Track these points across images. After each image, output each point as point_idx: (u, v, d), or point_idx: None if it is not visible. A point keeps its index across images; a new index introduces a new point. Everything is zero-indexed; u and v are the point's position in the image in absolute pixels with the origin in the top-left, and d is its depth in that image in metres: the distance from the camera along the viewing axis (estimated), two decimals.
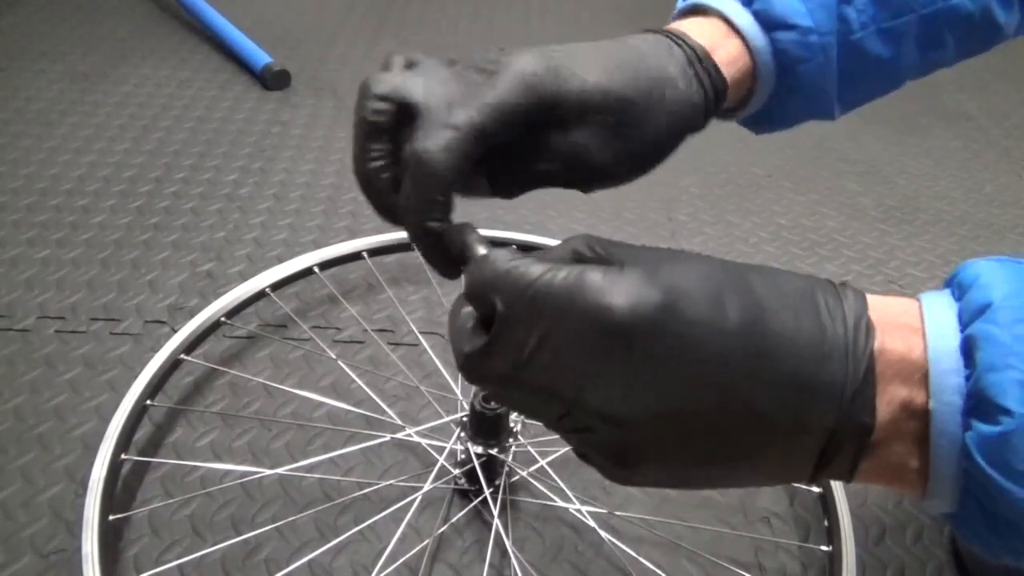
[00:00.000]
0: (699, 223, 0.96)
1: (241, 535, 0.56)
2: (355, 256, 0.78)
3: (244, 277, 0.79)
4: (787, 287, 0.27)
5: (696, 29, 0.39)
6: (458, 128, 0.31)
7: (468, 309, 0.29)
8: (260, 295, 0.73)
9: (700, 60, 0.38)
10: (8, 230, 0.85)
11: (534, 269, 0.26)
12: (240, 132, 1.07)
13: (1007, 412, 0.24)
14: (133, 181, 0.95)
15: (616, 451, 0.27)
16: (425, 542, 0.57)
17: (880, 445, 0.27)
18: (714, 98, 0.38)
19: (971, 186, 1.07)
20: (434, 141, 0.31)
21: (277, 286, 0.74)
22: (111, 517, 0.54)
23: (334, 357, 0.71)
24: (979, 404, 0.25)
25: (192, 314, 0.70)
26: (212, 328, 0.69)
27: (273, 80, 1.18)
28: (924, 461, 0.27)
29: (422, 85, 0.33)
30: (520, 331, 0.26)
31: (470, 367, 0.28)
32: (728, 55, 0.39)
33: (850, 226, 0.98)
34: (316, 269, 0.76)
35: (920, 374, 0.26)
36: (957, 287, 0.28)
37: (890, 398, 0.26)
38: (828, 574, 0.57)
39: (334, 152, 1.04)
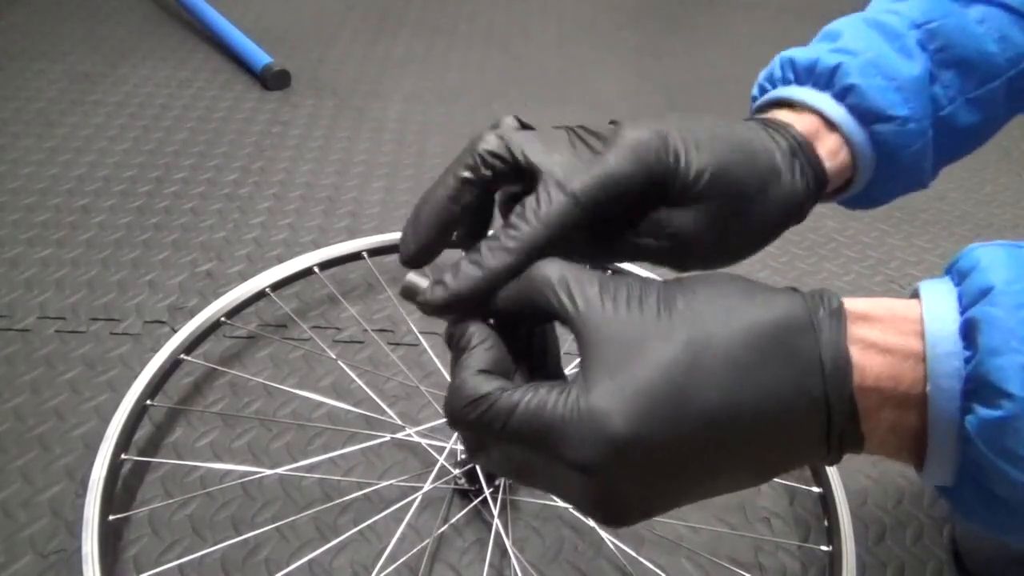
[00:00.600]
0: None
1: (241, 535, 0.56)
2: (355, 256, 0.78)
3: (244, 277, 0.79)
4: (756, 340, 0.26)
5: (794, 120, 0.38)
6: (576, 197, 0.31)
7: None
8: (260, 295, 0.73)
9: (804, 151, 0.36)
10: (8, 230, 0.85)
11: (496, 408, 0.27)
12: (240, 132, 1.07)
13: (1009, 396, 0.23)
14: (133, 181, 0.95)
15: (602, 516, 0.28)
16: (425, 542, 0.57)
17: (869, 444, 0.27)
18: (815, 190, 0.37)
19: (971, 186, 1.07)
20: (553, 208, 0.30)
21: (277, 286, 0.74)
22: (111, 517, 0.54)
23: (334, 357, 0.71)
24: (980, 388, 0.24)
25: (192, 314, 0.70)
26: (212, 328, 0.69)
27: (273, 80, 1.18)
28: (920, 441, 0.27)
29: (541, 147, 0.32)
30: (492, 456, 0.29)
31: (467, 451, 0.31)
32: (828, 148, 0.38)
33: (850, 226, 0.98)
34: (316, 269, 0.76)
35: (914, 396, 0.26)
36: (957, 273, 0.27)
37: (876, 423, 0.27)
38: (828, 574, 0.57)
39: (334, 152, 1.04)
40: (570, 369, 0.67)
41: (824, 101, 0.38)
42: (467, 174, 0.32)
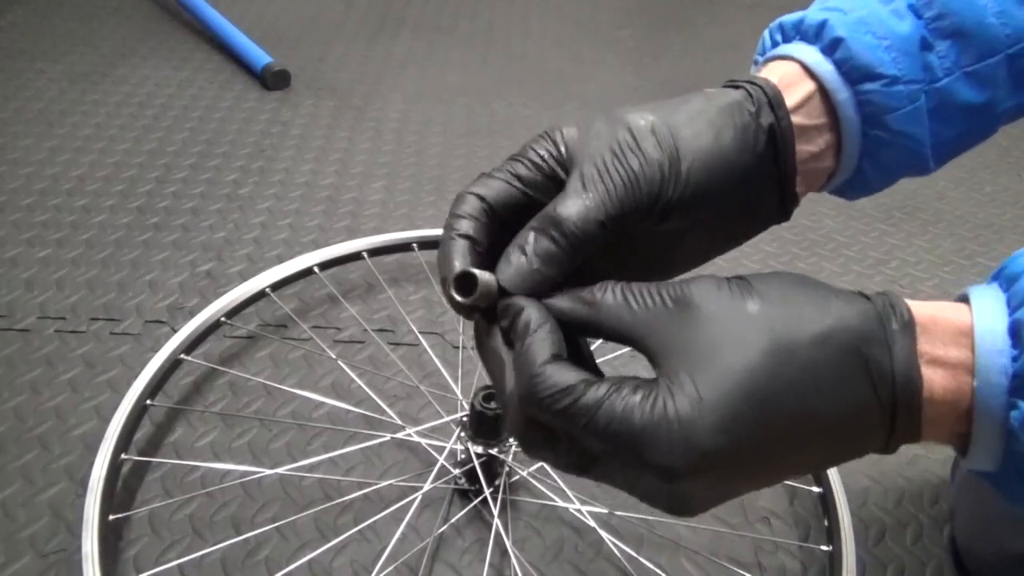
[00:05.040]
0: None
1: (241, 535, 0.56)
2: (355, 256, 0.78)
3: (244, 277, 0.79)
4: (833, 350, 0.26)
5: (791, 94, 0.36)
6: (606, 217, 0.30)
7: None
8: (260, 295, 0.73)
9: (790, 165, 0.35)
10: (8, 230, 0.85)
11: (582, 403, 0.26)
12: (240, 132, 1.07)
13: None
14: (133, 181, 0.95)
15: (673, 510, 0.28)
16: (425, 542, 0.57)
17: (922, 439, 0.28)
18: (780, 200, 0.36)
19: (971, 186, 1.07)
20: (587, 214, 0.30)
21: (277, 286, 0.74)
22: (111, 517, 0.54)
23: (334, 357, 0.71)
24: None
25: (192, 314, 0.70)
26: (212, 328, 0.69)
27: (273, 80, 1.18)
28: (966, 431, 0.27)
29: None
30: (562, 448, 0.28)
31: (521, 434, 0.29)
32: (815, 145, 0.37)
33: (850, 226, 0.98)
34: (316, 269, 0.76)
35: (967, 407, 0.27)
36: (1005, 279, 0.28)
37: (935, 429, 0.28)
38: (828, 574, 0.57)
39: (334, 152, 1.04)
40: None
41: (812, 55, 0.37)
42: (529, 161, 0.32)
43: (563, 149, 0.32)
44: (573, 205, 0.30)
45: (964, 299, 0.29)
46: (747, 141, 0.33)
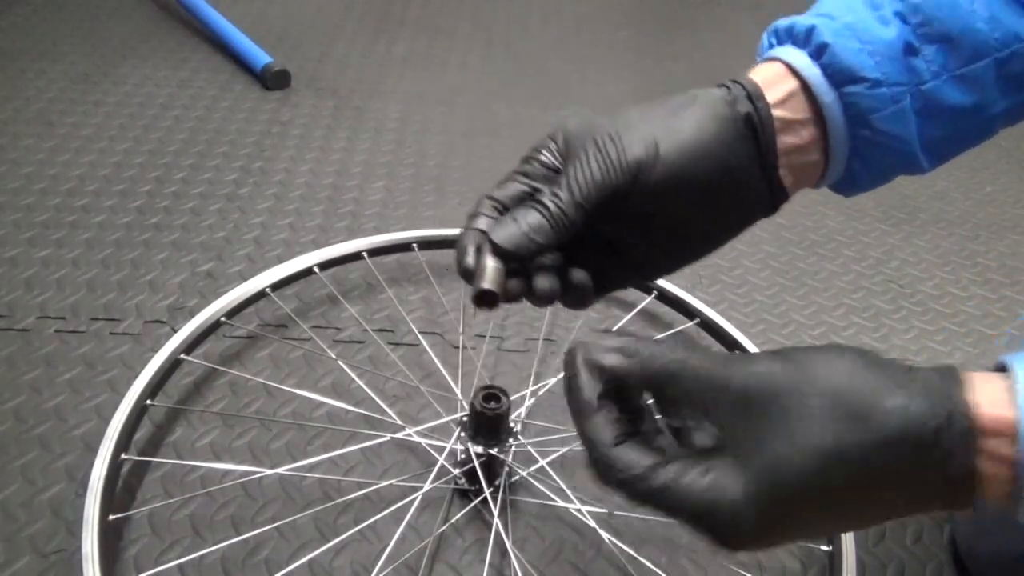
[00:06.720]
0: None
1: (241, 535, 0.56)
2: (355, 256, 0.78)
3: (244, 277, 0.79)
4: (887, 459, 0.27)
5: (772, 91, 0.39)
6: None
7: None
8: (260, 295, 0.73)
9: (771, 154, 0.39)
10: (8, 230, 0.85)
11: (651, 489, 0.30)
12: (240, 132, 1.07)
13: None
14: (133, 181, 0.95)
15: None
16: (425, 542, 0.57)
17: None
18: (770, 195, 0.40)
19: (971, 186, 1.07)
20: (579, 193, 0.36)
21: (277, 286, 0.74)
22: (111, 517, 0.54)
23: (334, 357, 0.71)
24: None
25: (192, 314, 0.70)
26: (212, 328, 0.69)
27: (273, 80, 1.18)
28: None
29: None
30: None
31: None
32: (799, 138, 0.40)
33: (850, 226, 0.98)
34: (316, 269, 0.76)
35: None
36: None
37: (990, 497, 0.28)
38: (828, 574, 0.57)
39: (334, 152, 1.04)
40: None
41: (800, 58, 0.39)
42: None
43: (563, 144, 0.38)
44: (559, 189, 0.36)
45: (1002, 368, 0.29)
46: (727, 131, 0.37)
